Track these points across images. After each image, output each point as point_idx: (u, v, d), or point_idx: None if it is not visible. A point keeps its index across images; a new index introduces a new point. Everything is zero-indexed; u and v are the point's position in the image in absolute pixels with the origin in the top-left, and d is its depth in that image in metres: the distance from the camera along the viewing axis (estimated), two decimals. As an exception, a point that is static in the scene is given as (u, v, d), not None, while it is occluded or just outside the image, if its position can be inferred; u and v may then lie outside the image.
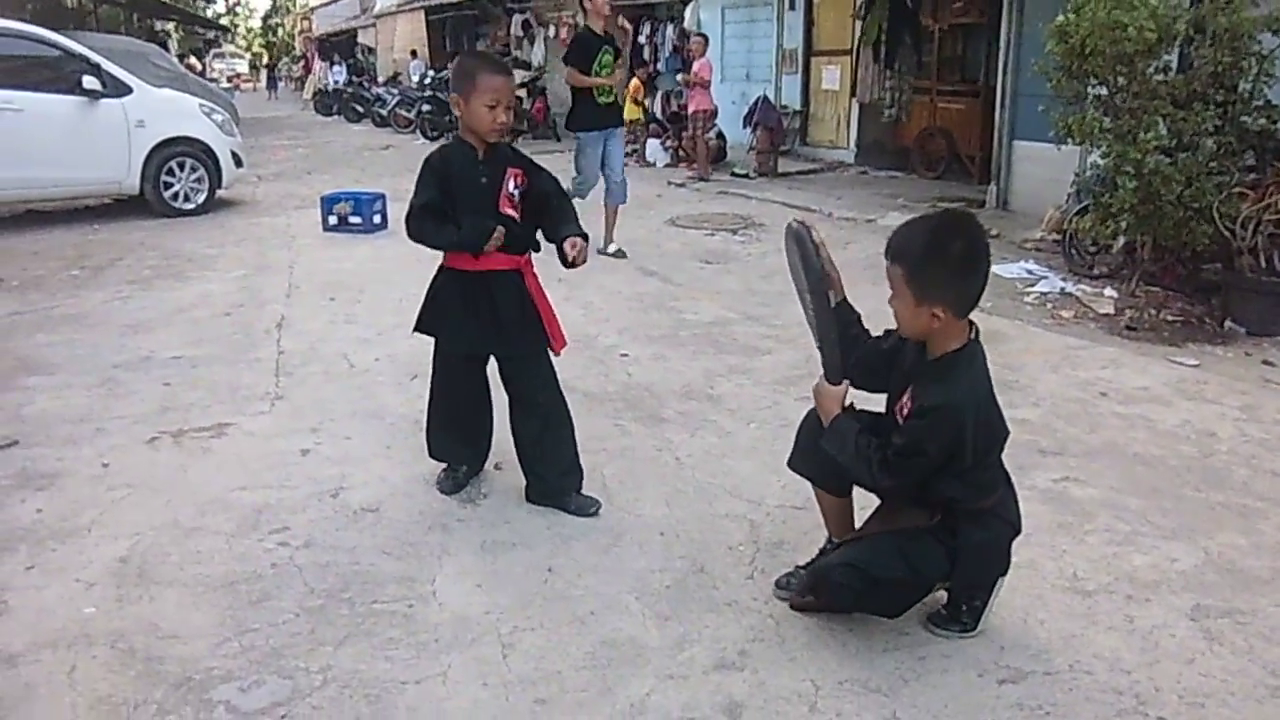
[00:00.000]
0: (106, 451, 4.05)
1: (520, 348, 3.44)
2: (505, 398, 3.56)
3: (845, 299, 2.79)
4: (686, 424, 4.34)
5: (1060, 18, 6.16)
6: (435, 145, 17.76)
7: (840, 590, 2.66)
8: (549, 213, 3.40)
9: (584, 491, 3.56)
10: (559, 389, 3.54)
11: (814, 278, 2.69)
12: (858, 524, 2.91)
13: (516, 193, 3.36)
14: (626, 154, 8.97)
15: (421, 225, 3.32)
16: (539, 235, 3.45)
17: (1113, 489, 3.72)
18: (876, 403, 2.78)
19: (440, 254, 3.47)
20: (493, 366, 3.58)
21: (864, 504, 2.88)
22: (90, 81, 9.28)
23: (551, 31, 21.59)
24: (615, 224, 8.03)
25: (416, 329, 3.56)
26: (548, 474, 3.53)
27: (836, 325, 2.71)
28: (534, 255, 3.45)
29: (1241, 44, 5.92)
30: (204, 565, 3.15)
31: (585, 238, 3.36)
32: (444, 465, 3.72)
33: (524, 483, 3.61)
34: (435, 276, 3.49)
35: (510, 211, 3.34)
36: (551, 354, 3.49)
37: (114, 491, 3.67)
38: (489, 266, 3.32)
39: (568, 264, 3.31)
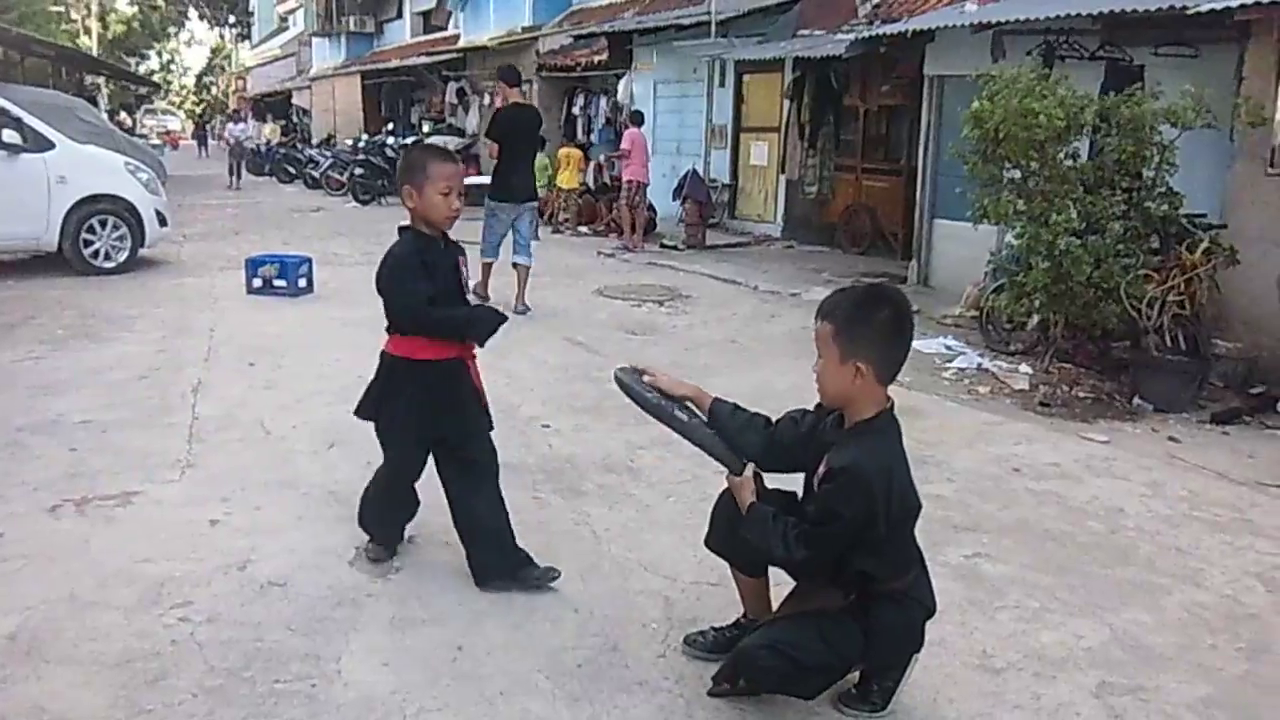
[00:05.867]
0: (3, 519, 3.89)
1: (476, 429, 3.44)
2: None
3: (715, 399, 2.90)
4: (606, 497, 4.33)
5: (975, 104, 6.40)
6: (367, 209, 17.61)
7: (764, 673, 2.65)
8: None
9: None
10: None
11: (653, 410, 2.86)
12: (774, 603, 2.91)
13: (469, 281, 3.46)
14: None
15: (437, 314, 3.26)
16: None
17: (1024, 565, 3.78)
18: (794, 482, 2.80)
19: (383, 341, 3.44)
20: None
21: (780, 582, 2.89)
22: (10, 135, 9.13)
23: (486, 99, 21.79)
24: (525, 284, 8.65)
25: (360, 414, 3.48)
26: (508, 550, 3.45)
27: (707, 428, 2.84)
28: None
29: (1144, 134, 6.20)
30: (99, 642, 3.02)
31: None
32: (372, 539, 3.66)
33: (439, 558, 3.58)
34: (387, 364, 3.41)
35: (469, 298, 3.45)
36: None
37: (8, 563, 3.52)
38: (445, 355, 3.32)
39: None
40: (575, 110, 19.09)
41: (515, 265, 8.45)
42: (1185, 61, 7.31)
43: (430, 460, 3.50)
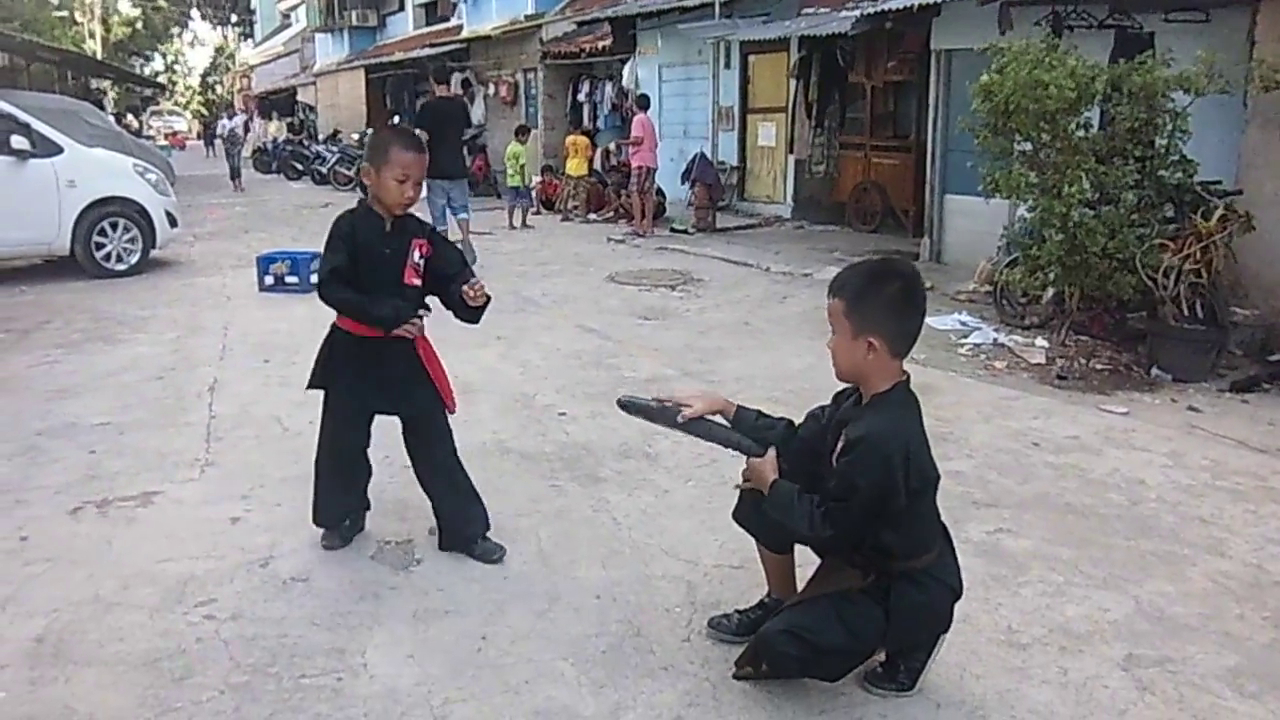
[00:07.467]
0: (26, 523, 3.91)
1: (417, 408, 3.53)
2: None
3: (739, 407, 2.88)
4: (624, 483, 4.32)
5: (984, 77, 6.33)
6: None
7: (783, 659, 2.64)
8: (449, 283, 3.43)
9: (494, 540, 3.63)
10: (454, 444, 3.62)
11: (664, 421, 2.85)
12: (800, 583, 2.90)
13: (421, 262, 3.45)
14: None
15: (338, 293, 3.37)
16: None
17: (1045, 540, 3.76)
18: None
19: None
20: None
21: (804, 563, 2.89)
22: (18, 141, 9.14)
23: (491, 89, 21.76)
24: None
25: (310, 385, 3.58)
26: (458, 524, 3.61)
27: (712, 425, 2.85)
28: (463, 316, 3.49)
29: (1156, 102, 6.12)
30: (125, 642, 3.04)
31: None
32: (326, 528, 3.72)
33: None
34: (329, 334, 3.54)
35: (415, 281, 3.44)
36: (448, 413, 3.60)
37: (31, 566, 3.54)
38: (380, 333, 3.39)
39: (469, 305, 3.35)
40: (581, 97, 19.05)
41: (458, 221, 10.26)
42: (1196, 27, 7.23)
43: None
